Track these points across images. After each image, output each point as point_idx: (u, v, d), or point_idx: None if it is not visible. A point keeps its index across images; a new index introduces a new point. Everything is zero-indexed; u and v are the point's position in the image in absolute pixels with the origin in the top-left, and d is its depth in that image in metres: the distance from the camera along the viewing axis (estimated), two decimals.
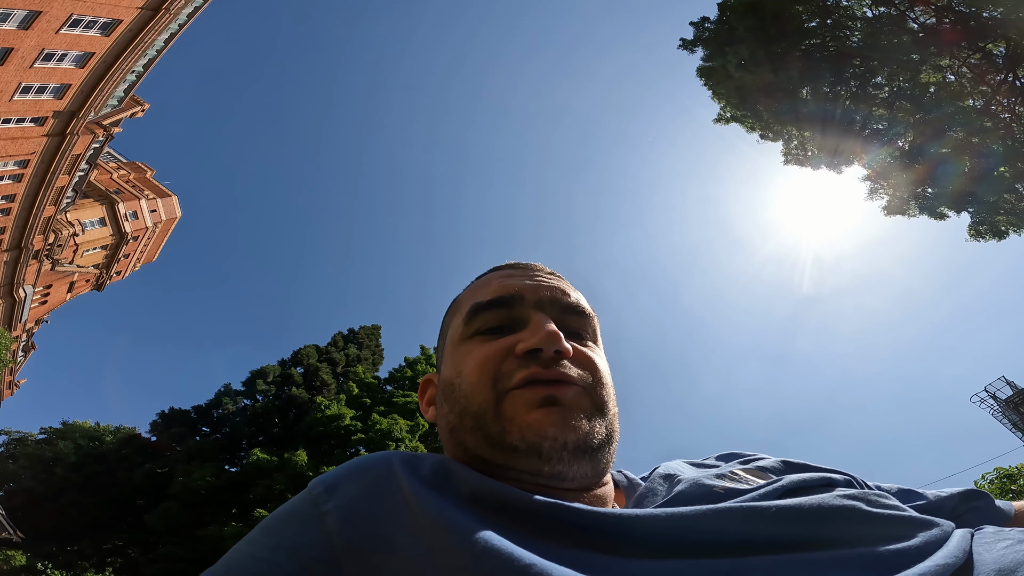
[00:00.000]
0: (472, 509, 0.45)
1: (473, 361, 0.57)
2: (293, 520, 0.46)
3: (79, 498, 22.30)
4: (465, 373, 0.57)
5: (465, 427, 0.55)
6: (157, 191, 39.96)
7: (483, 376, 0.55)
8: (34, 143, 23.59)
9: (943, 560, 0.41)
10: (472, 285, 0.70)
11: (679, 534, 0.44)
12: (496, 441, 0.52)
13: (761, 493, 0.51)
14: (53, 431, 27.77)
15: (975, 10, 7.20)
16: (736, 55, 8.76)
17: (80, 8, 19.71)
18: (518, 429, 0.51)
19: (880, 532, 0.45)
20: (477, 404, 0.55)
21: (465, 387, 0.56)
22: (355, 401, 20.40)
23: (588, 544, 0.43)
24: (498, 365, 0.56)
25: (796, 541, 0.44)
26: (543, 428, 0.51)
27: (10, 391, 37.64)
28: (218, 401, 24.10)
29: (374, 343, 28.10)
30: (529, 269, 0.68)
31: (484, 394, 0.54)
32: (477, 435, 0.54)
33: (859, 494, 0.49)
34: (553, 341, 0.55)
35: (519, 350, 0.56)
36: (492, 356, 0.56)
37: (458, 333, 0.63)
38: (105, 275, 37.95)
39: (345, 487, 0.48)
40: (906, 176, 8.74)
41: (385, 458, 0.51)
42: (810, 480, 0.53)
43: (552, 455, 0.50)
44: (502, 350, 0.57)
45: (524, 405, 0.53)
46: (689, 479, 0.56)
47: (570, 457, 0.51)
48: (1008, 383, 19.88)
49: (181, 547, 17.46)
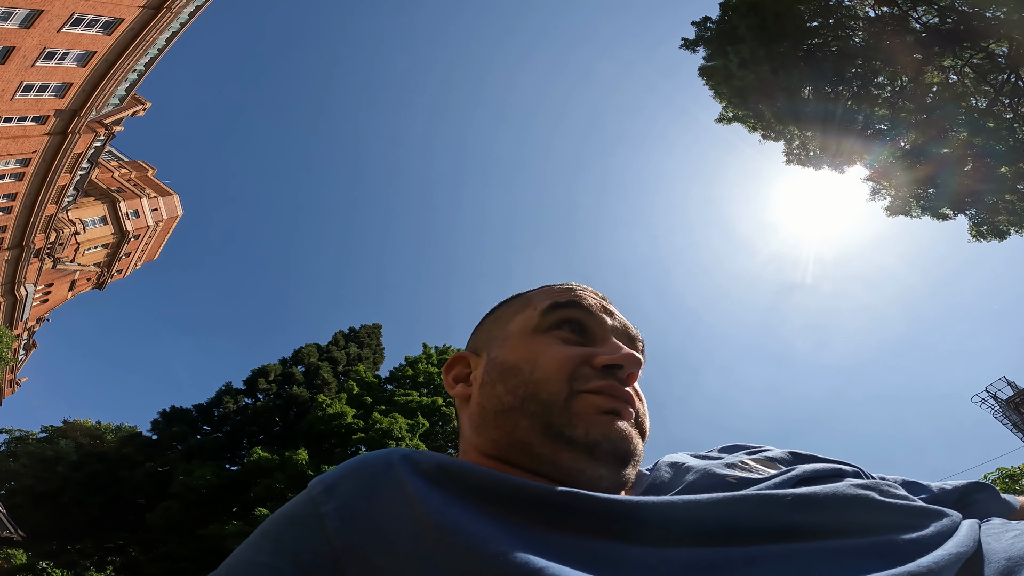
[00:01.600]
0: (478, 506, 0.45)
1: (552, 355, 0.59)
2: (293, 522, 0.46)
3: (80, 497, 22.35)
4: (541, 363, 0.59)
5: (526, 410, 0.56)
6: (158, 190, 40.00)
7: (562, 370, 0.58)
8: (36, 142, 23.61)
9: (955, 549, 0.42)
10: (543, 288, 0.72)
11: (694, 521, 0.44)
12: (555, 431, 0.54)
13: (776, 482, 0.52)
14: (54, 430, 27.87)
15: (978, 10, 7.18)
16: (738, 55, 8.74)
17: (82, 7, 19.72)
18: (585, 424, 0.54)
19: (893, 521, 0.46)
20: (549, 393, 0.56)
21: (539, 374, 0.58)
22: (356, 400, 20.42)
23: (603, 532, 0.43)
24: (576, 367, 0.58)
25: (812, 529, 0.44)
26: (609, 430, 0.54)
27: (11, 389, 37.71)
28: (219, 400, 24.12)
29: (375, 342, 28.14)
30: (600, 295, 0.71)
31: (559, 386, 0.56)
32: (536, 421, 0.55)
33: (871, 483, 0.50)
34: (634, 363, 0.59)
35: (600, 361, 0.59)
36: (573, 358, 0.59)
37: (531, 323, 0.65)
38: (106, 273, 37.99)
39: (344, 487, 0.47)
40: (908, 176, 8.73)
41: (384, 456, 0.51)
42: (821, 471, 0.55)
43: (603, 456, 0.53)
44: (581, 356, 0.59)
45: (594, 408, 0.55)
46: (699, 469, 0.58)
47: (616, 463, 0.54)
48: (1009, 383, 19.86)
49: (182, 546, 17.49)
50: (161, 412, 24.60)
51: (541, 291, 0.70)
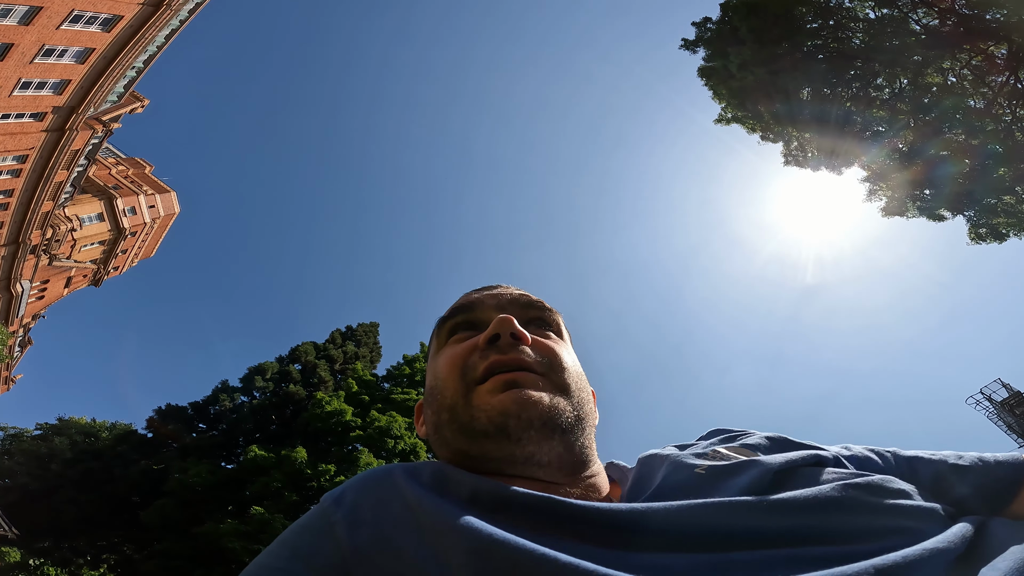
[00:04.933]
0: (474, 510, 0.47)
1: (444, 361, 0.64)
2: (307, 532, 0.51)
3: (74, 495, 22.20)
4: (441, 374, 0.63)
5: (443, 421, 0.60)
6: (156, 187, 39.84)
7: (453, 370, 0.62)
8: (33, 138, 23.51)
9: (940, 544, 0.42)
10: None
11: (671, 527, 0.45)
12: (468, 429, 0.57)
13: (751, 477, 0.50)
14: (49, 427, 27.68)
15: (977, 12, 7.22)
16: (738, 56, 8.77)
17: (81, 3, 19.65)
18: (484, 413, 0.56)
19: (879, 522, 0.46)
20: (450, 397, 0.60)
21: (441, 385, 0.62)
22: (353, 398, 20.35)
23: (590, 538, 0.44)
24: (465, 360, 0.62)
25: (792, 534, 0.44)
26: (505, 407, 0.55)
27: (6, 386, 37.51)
28: (215, 398, 24.03)
29: (372, 340, 28.06)
30: (493, 287, 0.74)
31: (455, 386, 0.60)
32: (454, 427, 0.59)
33: (861, 483, 0.49)
34: (506, 325, 0.61)
35: (480, 340, 0.62)
36: (460, 353, 0.63)
37: (434, 347, 0.71)
38: (103, 270, 37.81)
39: (350, 497, 0.52)
40: (905, 177, 8.77)
41: (387, 470, 0.56)
42: (797, 459, 0.54)
43: (519, 434, 0.54)
44: (468, 347, 0.63)
45: (488, 393, 0.57)
46: (673, 461, 0.58)
47: (538, 435, 0.55)
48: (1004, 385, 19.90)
49: (177, 544, 17.36)
50: (157, 410, 24.49)
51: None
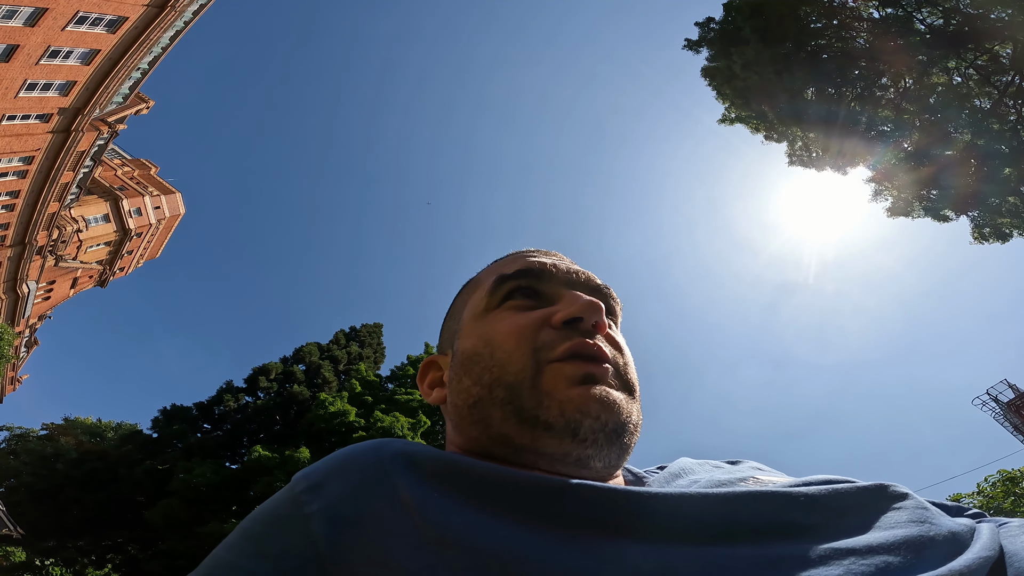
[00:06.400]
0: (484, 513, 0.39)
1: (507, 328, 0.53)
2: (275, 523, 0.41)
3: (79, 494, 22.32)
4: (498, 341, 0.53)
5: (495, 399, 0.50)
6: (161, 188, 40.05)
7: (522, 343, 0.51)
8: (39, 140, 23.65)
9: (984, 552, 0.39)
10: (492, 265, 0.66)
11: (709, 516, 0.41)
12: (529, 416, 0.48)
13: (791, 482, 0.49)
14: (54, 427, 27.88)
15: (982, 11, 7.16)
16: (741, 56, 8.72)
17: (86, 5, 19.75)
18: (558, 404, 0.48)
19: (916, 527, 0.42)
20: (513, 373, 0.50)
21: (499, 355, 0.52)
22: (357, 399, 20.42)
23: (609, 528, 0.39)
24: (536, 334, 0.52)
25: (827, 529, 0.41)
26: (587, 405, 0.48)
27: (12, 387, 37.78)
28: (220, 398, 24.12)
29: (376, 341, 28.11)
30: (550, 253, 0.65)
31: (522, 362, 0.50)
32: (507, 409, 0.49)
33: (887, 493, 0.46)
34: (594, 311, 0.52)
35: (558, 319, 0.52)
36: (530, 324, 0.53)
37: (481, 305, 0.58)
38: (108, 271, 38.04)
39: (330, 486, 0.42)
40: (911, 178, 8.71)
41: (373, 451, 0.45)
42: (833, 479, 0.51)
43: (589, 436, 0.47)
44: (538, 319, 0.53)
45: (565, 380, 0.49)
46: (708, 480, 0.52)
47: (605, 440, 0.48)
48: (1010, 386, 19.84)
49: (181, 544, 17.48)
50: (162, 410, 24.58)
51: (490, 268, 0.65)
